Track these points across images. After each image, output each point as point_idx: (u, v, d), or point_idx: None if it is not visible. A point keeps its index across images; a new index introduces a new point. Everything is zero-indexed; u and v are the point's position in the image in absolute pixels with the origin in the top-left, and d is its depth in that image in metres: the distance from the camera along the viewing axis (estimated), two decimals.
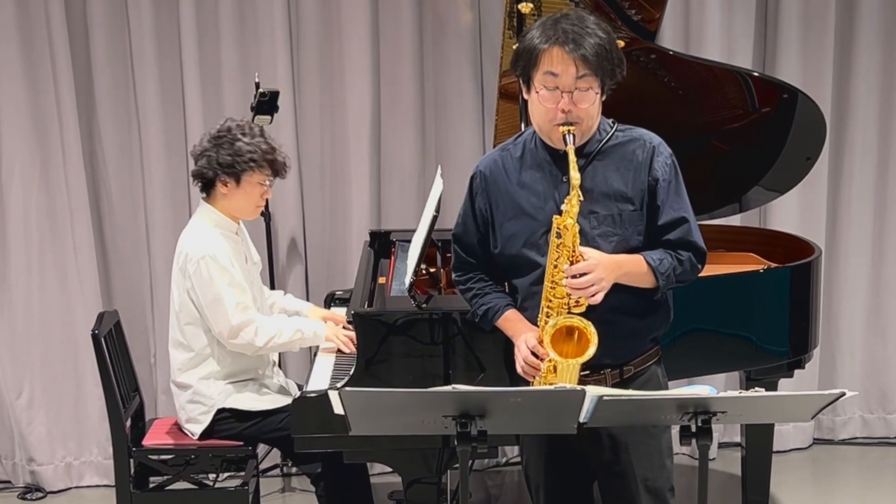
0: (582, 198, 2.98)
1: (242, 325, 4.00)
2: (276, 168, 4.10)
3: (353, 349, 3.87)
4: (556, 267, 3.00)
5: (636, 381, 3.17)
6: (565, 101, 2.99)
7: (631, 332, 3.15)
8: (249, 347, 4.05)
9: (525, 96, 3.11)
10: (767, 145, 4.48)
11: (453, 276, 3.38)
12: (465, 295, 3.34)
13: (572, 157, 2.96)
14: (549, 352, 3.00)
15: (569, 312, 3.01)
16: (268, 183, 4.11)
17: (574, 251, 2.97)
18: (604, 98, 3.07)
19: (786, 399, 3.04)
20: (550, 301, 3.03)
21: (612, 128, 3.14)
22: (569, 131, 2.99)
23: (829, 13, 5.27)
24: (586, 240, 3.03)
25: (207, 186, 4.11)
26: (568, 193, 2.98)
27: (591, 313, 2.99)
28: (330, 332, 4.13)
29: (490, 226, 3.22)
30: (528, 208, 3.13)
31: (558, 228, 2.99)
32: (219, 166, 4.04)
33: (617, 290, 3.02)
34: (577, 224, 2.97)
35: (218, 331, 4.03)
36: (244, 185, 4.07)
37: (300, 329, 4.11)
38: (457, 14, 5.23)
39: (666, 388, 3.28)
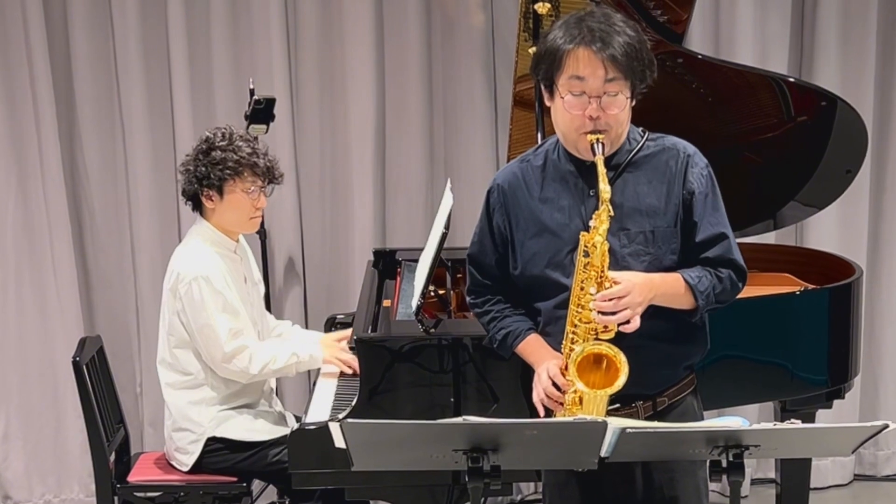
0: (612, 213, 2.93)
1: (236, 351, 4.03)
2: (259, 173, 4.10)
3: (355, 370, 3.89)
4: (582, 289, 2.95)
5: (671, 414, 3.13)
6: (593, 107, 2.95)
7: (664, 358, 3.11)
8: (243, 375, 4.07)
9: (548, 103, 3.08)
10: (804, 157, 4.49)
11: (468, 299, 3.34)
12: (481, 319, 3.31)
13: (601, 168, 2.93)
14: (575, 382, 2.94)
15: (596, 338, 2.96)
16: (255, 190, 4.11)
17: (602, 272, 2.92)
18: (633, 104, 3.04)
19: (824, 432, 3.05)
20: (576, 326, 2.97)
21: (642, 137, 3.11)
22: (597, 140, 2.95)
23: (871, 13, 5.27)
24: (616, 259, 2.99)
25: (196, 203, 4.15)
26: (596, 208, 2.94)
27: (620, 338, 2.95)
28: (328, 354, 4.15)
29: (509, 245, 3.18)
30: (551, 225, 3.09)
31: (586, 247, 2.94)
32: (197, 180, 4.07)
33: (649, 313, 2.97)
34: (606, 242, 2.93)
35: (210, 357, 4.05)
36: (228, 196, 4.09)
37: (295, 353, 4.13)
38: (468, 15, 5.25)
39: (701, 419, 3.25)
